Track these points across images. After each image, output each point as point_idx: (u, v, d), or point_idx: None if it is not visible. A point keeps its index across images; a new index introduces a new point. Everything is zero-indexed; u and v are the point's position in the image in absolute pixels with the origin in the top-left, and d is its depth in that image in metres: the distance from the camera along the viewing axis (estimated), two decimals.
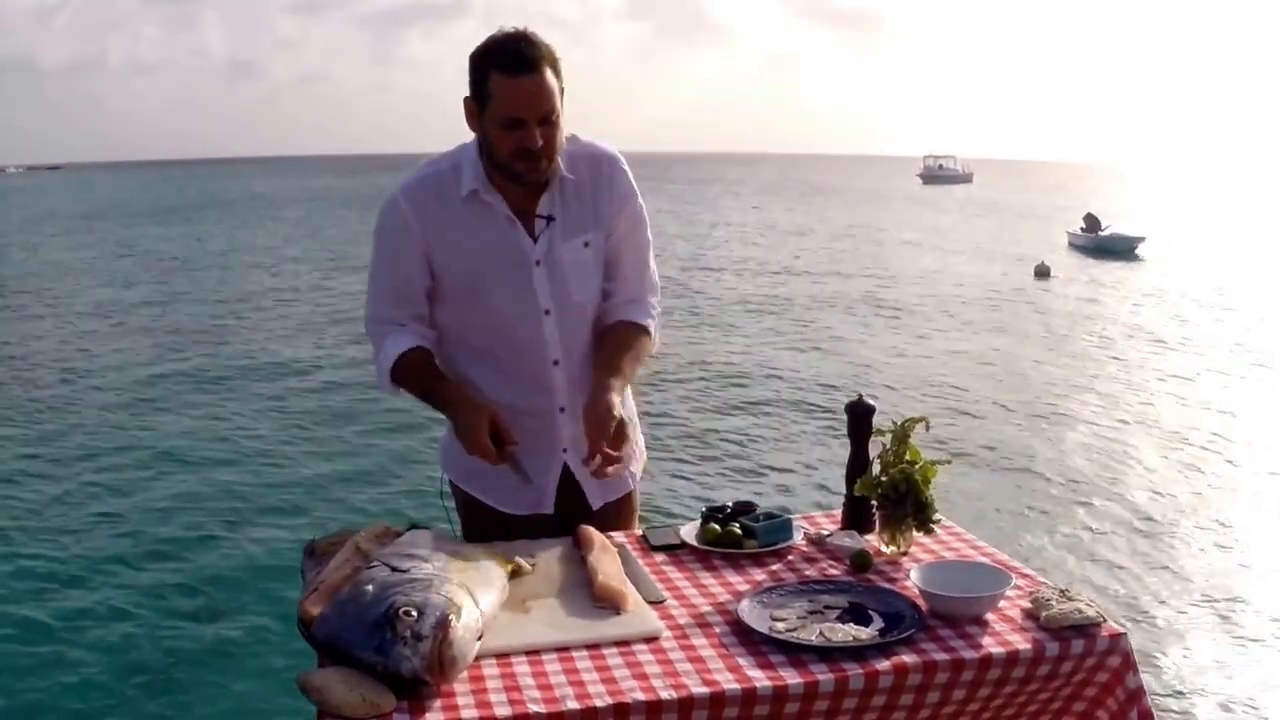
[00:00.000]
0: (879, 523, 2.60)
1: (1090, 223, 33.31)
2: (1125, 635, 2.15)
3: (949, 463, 2.64)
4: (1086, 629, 2.13)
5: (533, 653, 2.09)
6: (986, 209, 55.98)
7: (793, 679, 1.98)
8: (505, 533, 2.79)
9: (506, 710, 1.89)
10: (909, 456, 2.57)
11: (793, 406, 12.75)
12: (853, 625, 2.16)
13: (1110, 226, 33.07)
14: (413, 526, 2.44)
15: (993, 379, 14.12)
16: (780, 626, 2.15)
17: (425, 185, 2.76)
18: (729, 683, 1.97)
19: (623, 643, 2.12)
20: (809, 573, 2.48)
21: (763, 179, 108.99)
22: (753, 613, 2.20)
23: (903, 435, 2.60)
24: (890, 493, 2.54)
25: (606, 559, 2.40)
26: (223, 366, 15.49)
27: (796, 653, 2.07)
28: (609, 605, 2.24)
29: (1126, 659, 2.15)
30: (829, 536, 2.62)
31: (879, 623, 2.18)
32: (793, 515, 2.74)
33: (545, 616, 2.23)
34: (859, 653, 2.05)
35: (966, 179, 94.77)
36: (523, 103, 2.57)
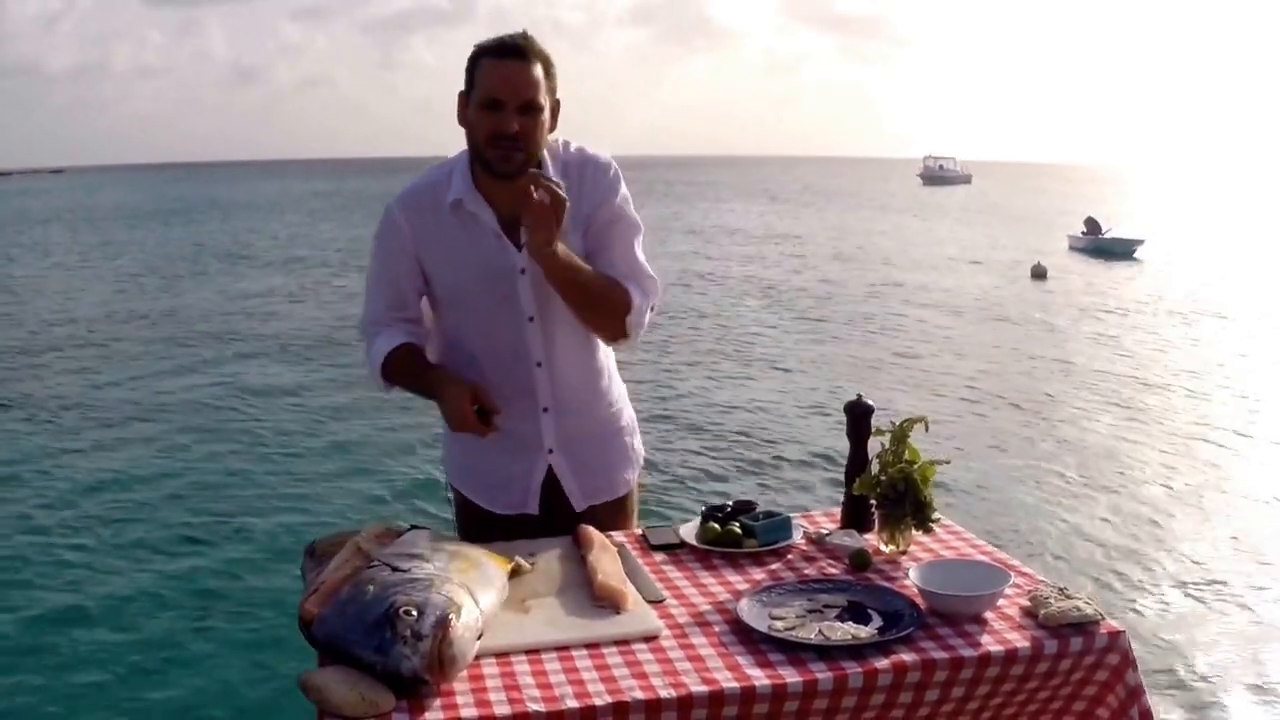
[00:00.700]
0: (878, 522, 2.60)
1: (1091, 225, 33.28)
2: (1124, 633, 2.16)
3: (948, 462, 2.65)
4: (1085, 627, 2.14)
5: (532, 652, 2.10)
6: (985, 211, 56.01)
7: (792, 678, 1.99)
8: (494, 532, 2.80)
9: (506, 709, 1.89)
10: (908, 456, 2.58)
11: (792, 405, 12.76)
12: (851, 624, 2.16)
13: (1111, 229, 33.03)
14: (413, 527, 2.44)
15: (989, 379, 14.10)
16: (779, 625, 2.15)
17: (420, 193, 2.81)
18: (728, 681, 1.97)
19: (622, 642, 2.13)
20: (808, 572, 2.48)
21: (765, 182, 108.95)
22: (752, 611, 2.21)
23: (901, 435, 2.60)
24: (889, 492, 2.55)
25: (606, 558, 2.41)
26: (224, 367, 15.49)
27: (795, 651, 2.07)
28: (608, 604, 2.25)
29: (1126, 657, 2.15)
30: (828, 535, 2.63)
31: (878, 621, 2.18)
32: (792, 514, 2.74)
33: (545, 616, 2.23)
34: (858, 651, 2.06)
35: (965, 180, 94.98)
36: (504, 84, 2.61)
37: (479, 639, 2.03)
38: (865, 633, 2.12)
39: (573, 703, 1.91)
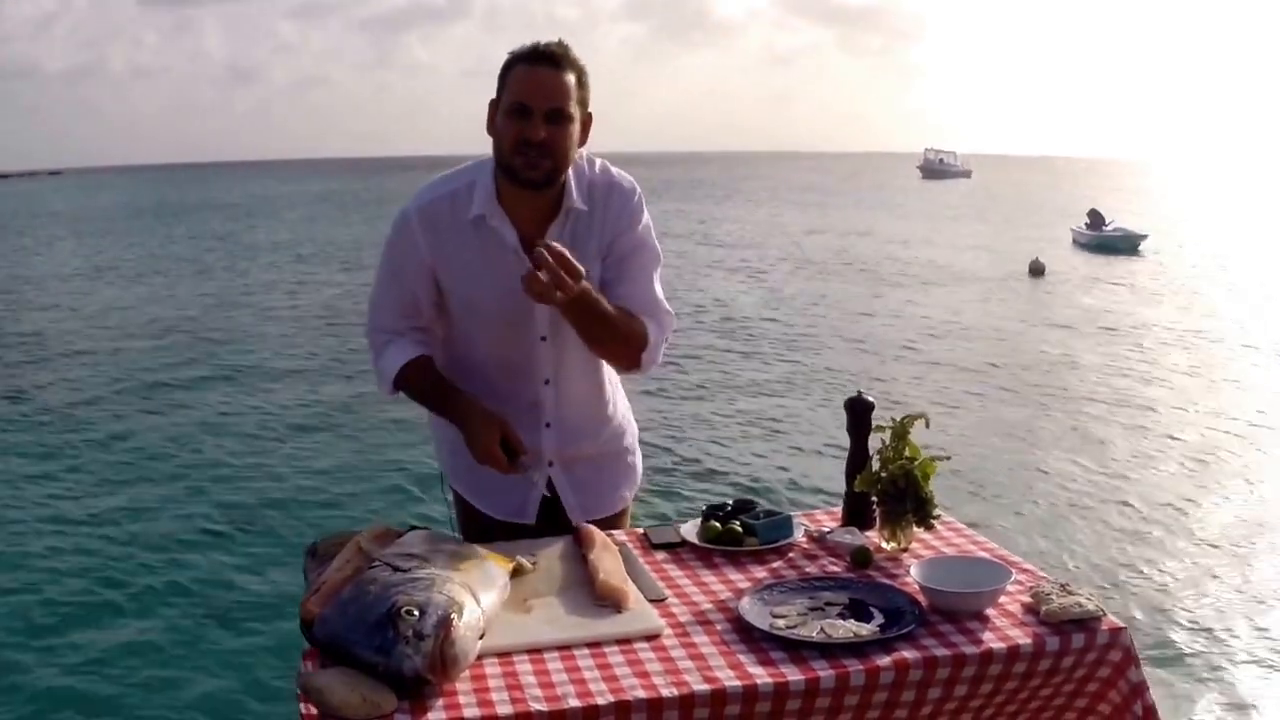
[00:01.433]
0: (879, 519, 2.60)
1: (1094, 219, 32.99)
2: (1126, 629, 2.16)
3: (948, 458, 2.64)
4: (1087, 623, 2.14)
5: (534, 651, 2.09)
6: (986, 204, 55.97)
7: (794, 676, 1.99)
8: (493, 535, 2.80)
9: (508, 709, 1.90)
10: (908, 453, 2.57)
11: (792, 403, 12.75)
12: (853, 621, 2.16)
13: (1114, 222, 32.85)
14: (413, 527, 2.44)
15: (988, 377, 14.07)
16: (781, 623, 2.15)
17: (438, 204, 2.73)
18: (730, 680, 1.98)
19: (624, 640, 2.13)
20: (809, 570, 2.48)
21: (763, 178, 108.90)
22: (754, 610, 2.21)
23: (902, 431, 2.60)
24: (890, 489, 2.55)
25: (607, 557, 2.41)
26: (224, 367, 15.49)
27: (797, 649, 2.07)
28: (610, 603, 2.25)
29: (1128, 653, 2.15)
30: (829, 533, 2.63)
31: (879, 619, 2.18)
32: (793, 512, 2.74)
33: (546, 615, 2.23)
34: (860, 649, 2.06)
35: (966, 174, 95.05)
36: (533, 90, 2.57)
37: (481, 638, 2.03)
38: (867, 630, 2.12)
39: (575, 702, 1.91)
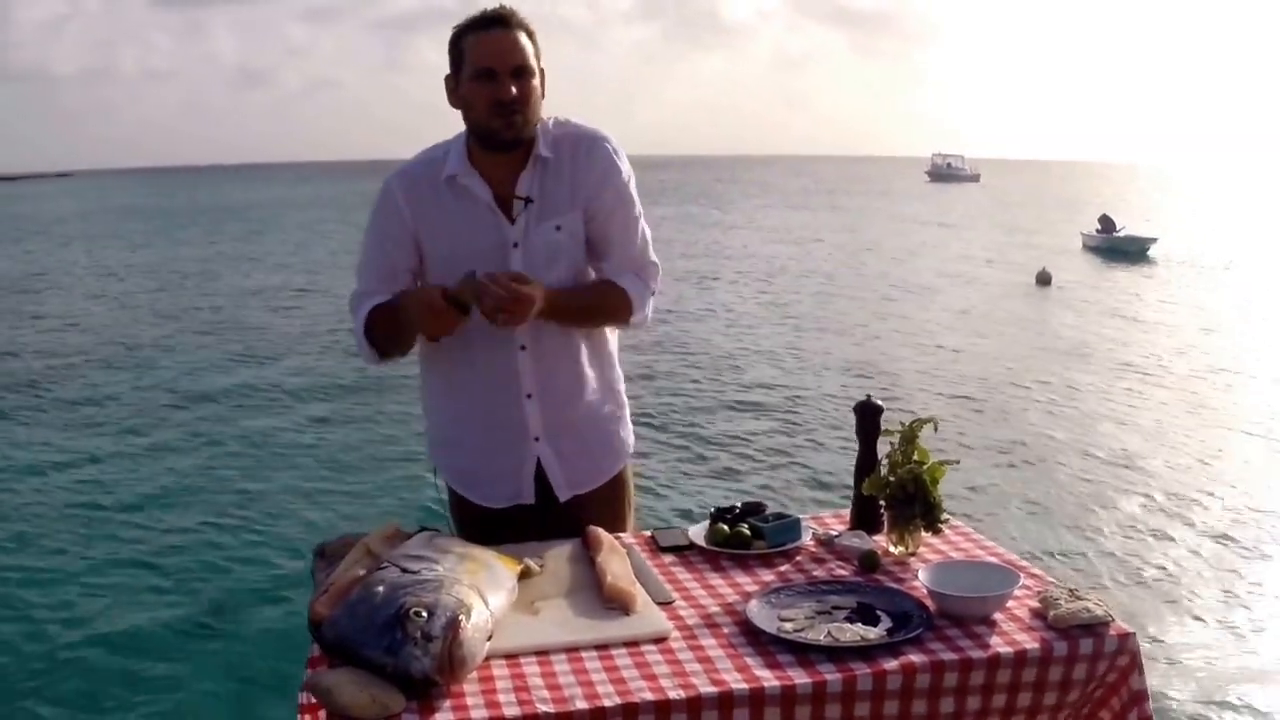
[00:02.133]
0: (887, 523, 2.60)
1: (1105, 223, 33.03)
2: (1134, 635, 2.15)
3: (957, 463, 2.64)
4: (1095, 628, 2.13)
5: (542, 653, 2.10)
6: (994, 210, 55.91)
7: (801, 679, 1.99)
8: (489, 526, 2.81)
9: (515, 710, 1.90)
10: (917, 457, 2.57)
11: (801, 407, 12.76)
12: (861, 625, 2.16)
13: (1125, 227, 32.84)
14: (422, 529, 2.45)
15: (995, 383, 14.11)
16: (789, 627, 2.15)
17: (415, 171, 2.83)
18: (737, 683, 1.98)
19: (631, 643, 2.13)
20: (817, 573, 2.48)
21: (772, 181, 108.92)
22: (761, 613, 2.21)
23: (911, 436, 2.59)
24: (898, 493, 2.54)
25: (615, 560, 2.41)
26: (235, 368, 15.55)
27: (805, 653, 2.07)
28: (618, 606, 2.25)
29: (1134, 659, 2.15)
30: (837, 537, 2.63)
31: (887, 623, 2.18)
32: (801, 516, 2.74)
33: (554, 617, 2.24)
34: (867, 653, 2.06)
35: (974, 178, 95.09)
36: (494, 52, 2.65)
37: (489, 640, 2.03)
38: (874, 634, 2.12)
39: (582, 704, 1.92)
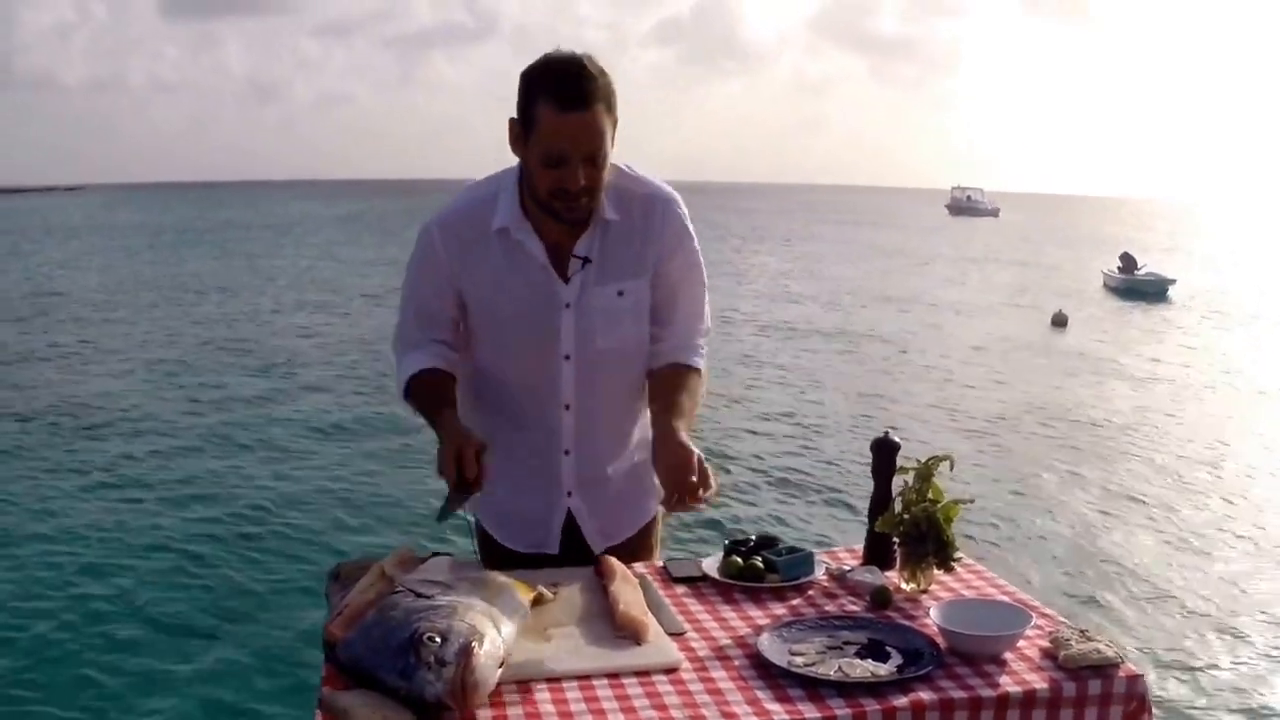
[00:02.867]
0: (900, 560, 2.60)
1: (1126, 262, 32.75)
2: (1142, 677, 2.16)
3: (971, 502, 2.64)
4: (1104, 669, 2.13)
5: (553, 680, 2.10)
6: (1013, 246, 55.88)
7: (810, 714, 1.99)
8: (511, 566, 2.79)
9: None
10: (931, 495, 2.57)
11: (816, 440, 12.77)
12: (871, 661, 2.17)
13: (1146, 266, 32.67)
14: (436, 554, 2.46)
15: (1009, 423, 14.11)
16: (799, 661, 2.16)
17: (460, 217, 2.68)
18: (747, 715, 1.98)
19: (642, 673, 2.14)
20: (829, 608, 2.48)
21: (790, 210, 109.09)
22: (772, 646, 2.21)
23: (926, 473, 2.59)
24: (912, 530, 2.54)
25: (628, 589, 2.41)
26: (248, 387, 15.60)
27: (815, 687, 2.07)
28: (630, 635, 2.25)
29: (1142, 702, 2.15)
30: (850, 572, 2.63)
31: (897, 659, 2.19)
32: (814, 550, 2.74)
33: (566, 645, 2.24)
34: (877, 689, 2.06)
35: (993, 212, 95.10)
36: (569, 140, 2.44)
37: (501, 667, 2.05)
38: (885, 670, 2.13)
39: None
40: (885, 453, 2.72)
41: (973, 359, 19.40)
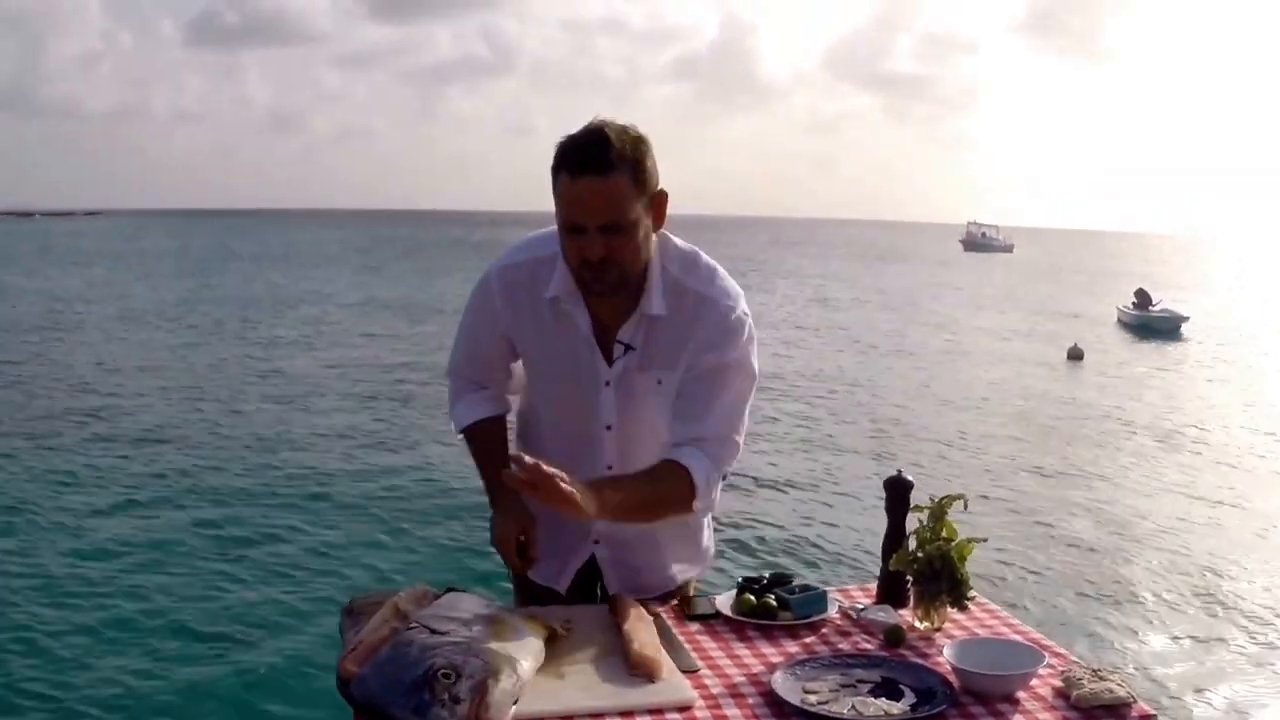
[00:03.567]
0: (913, 598, 2.60)
1: (1141, 298, 32.51)
2: (1156, 717, 2.15)
3: (984, 541, 2.64)
4: (1117, 709, 2.13)
5: (567, 718, 2.11)
6: (1027, 281, 55.80)
7: None
8: (534, 596, 2.82)
9: None
10: (945, 533, 2.58)
11: (831, 477, 12.75)
12: (885, 700, 2.17)
13: (1161, 302, 32.56)
14: (450, 589, 2.47)
15: (1024, 462, 14.06)
16: (812, 699, 2.16)
17: (520, 270, 2.68)
18: None
19: (656, 710, 2.14)
20: (842, 646, 2.48)
21: (805, 243, 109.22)
22: (785, 684, 2.21)
23: (940, 512, 2.60)
24: (926, 569, 2.54)
25: (642, 627, 2.41)
26: (270, 418, 15.64)
27: None
28: (644, 673, 2.25)
29: None
30: (863, 610, 2.63)
31: (911, 698, 2.19)
32: (828, 588, 2.75)
33: (580, 682, 2.25)
34: None
35: (1008, 249, 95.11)
36: (582, 208, 2.41)
37: (515, 704, 2.05)
38: (898, 709, 2.12)
39: None
40: (898, 491, 2.73)
41: (990, 394, 19.36)
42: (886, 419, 16.94)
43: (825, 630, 2.58)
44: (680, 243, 2.65)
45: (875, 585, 2.79)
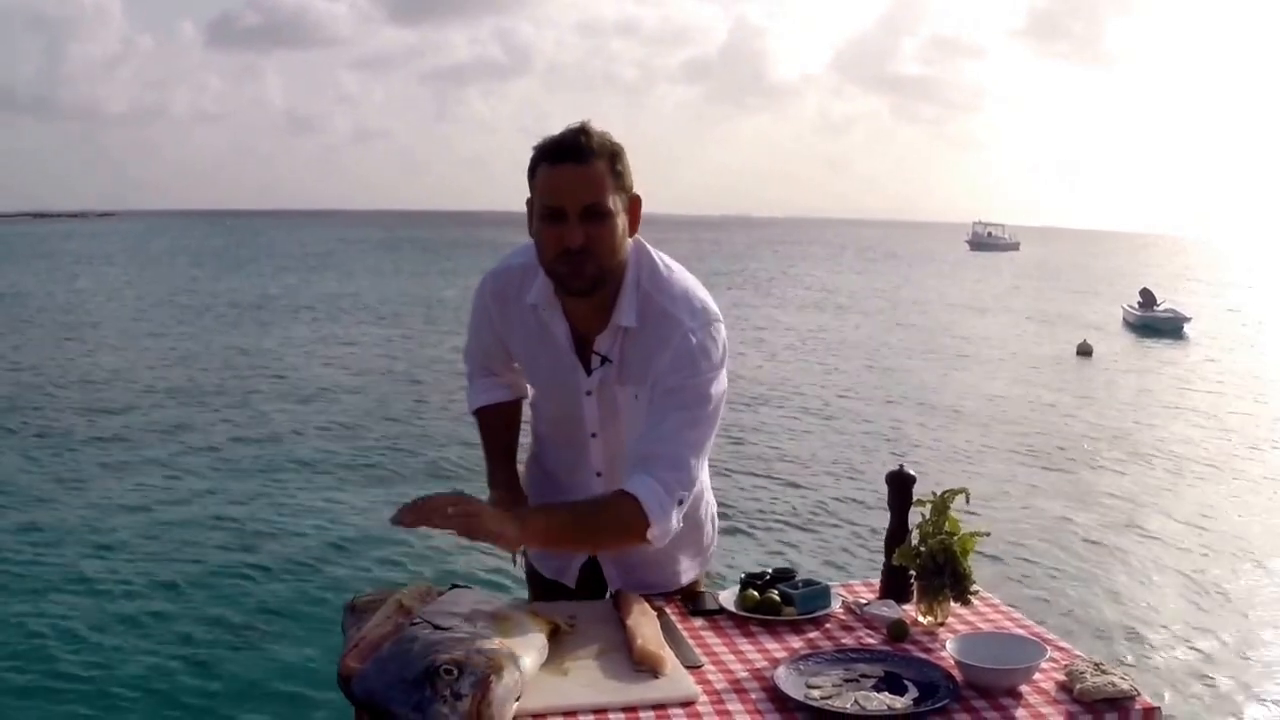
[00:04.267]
0: (916, 593, 2.60)
1: (1146, 297, 32.73)
2: (1159, 709, 2.15)
3: (987, 534, 2.63)
4: (1120, 702, 2.13)
5: (570, 714, 2.10)
6: (1033, 280, 55.80)
7: None
8: (545, 589, 2.84)
9: None
10: (948, 527, 2.57)
11: (835, 473, 12.75)
12: (888, 694, 2.17)
13: (1165, 302, 32.73)
14: (453, 586, 2.47)
15: (1032, 456, 14.08)
16: (816, 694, 2.16)
17: (510, 275, 2.70)
18: None
19: (659, 706, 2.14)
20: (845, 641, 2.48)
21: (814, 242, 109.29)
22: (789, 680, 2.21)
23: (942, 506, 2.59)
24: (928, 563, 2.54)
25: (646, 622, 2.42)
26: (277, 416, 15.67)
27: None
28: (647, 669, 2.25)
29: None
30: (866, 605, 2.63)
31: (914, 692, 2.18)
32: (831, 583, 2.74)
33: (583, 678, 2.25)
34: None
35: (1014, 247, 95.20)
36: (562, 190, 2.41)
37: (517, 700, 2.05)
38: (901, 704, 2.12)
39: None
40: (900, 485, 2.73)
41: (996, 391, 19.38)
42: (892, 417, 16.94)
43: (829, 625, 2.58)
44: (657, 254, 2.61)
45: (878, 580, 2.79)
